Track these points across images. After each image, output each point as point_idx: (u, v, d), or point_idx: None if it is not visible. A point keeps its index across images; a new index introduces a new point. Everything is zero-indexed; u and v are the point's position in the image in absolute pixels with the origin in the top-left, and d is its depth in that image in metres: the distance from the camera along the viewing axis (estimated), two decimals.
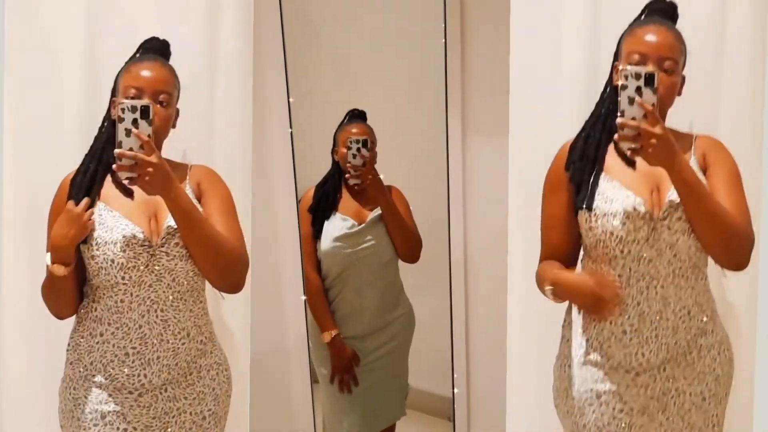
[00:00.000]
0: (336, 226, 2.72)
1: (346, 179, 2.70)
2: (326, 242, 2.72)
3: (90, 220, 1.78)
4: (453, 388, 2.82)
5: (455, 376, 2.81)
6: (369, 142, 2.68)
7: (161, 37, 1.94)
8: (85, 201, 1.78)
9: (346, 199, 2.77)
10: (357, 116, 2.81)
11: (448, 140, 2.81)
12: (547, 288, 1.75)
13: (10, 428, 2.25)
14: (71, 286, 1.82)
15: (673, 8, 1.82)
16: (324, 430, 2.81)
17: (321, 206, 2.74)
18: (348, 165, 2.68)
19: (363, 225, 2.73)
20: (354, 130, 2.73)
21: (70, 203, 1.78)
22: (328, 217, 2.73)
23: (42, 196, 1.94)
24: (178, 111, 1.88)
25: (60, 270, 1.77)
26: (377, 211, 2.74)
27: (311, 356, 2.76)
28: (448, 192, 2.82)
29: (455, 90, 2.80)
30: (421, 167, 2.99)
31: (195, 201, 1.84)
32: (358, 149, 2.66)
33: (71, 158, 1.97)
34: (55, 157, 2.16)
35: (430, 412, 2.95)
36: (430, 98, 2.87)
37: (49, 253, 1.79)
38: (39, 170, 2.17)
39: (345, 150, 2.69)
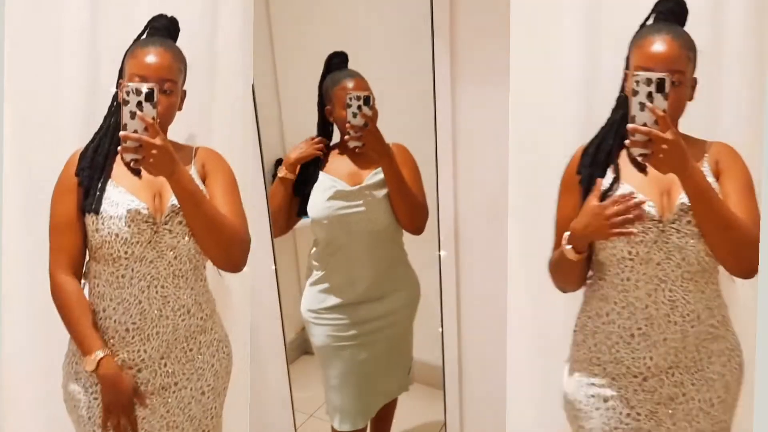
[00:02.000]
0: (326, 185, 2.63)
1: (345, 141, 2.54)
2: (318, 206, 2.63)
3: None
4: (444, 359, 2.92)
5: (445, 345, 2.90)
6: (371, 99, 2.51)
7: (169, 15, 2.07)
8: None
9: (336, 161, 2.69)
10: (342, 64, 2.70)
11: (435, 89, 2.78)
12: (566, 247, 1.84)
13: (10, 428, 2.40)
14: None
15: (682, 6, 1.89)
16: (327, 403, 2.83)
17: (302, 175, 2.65)
18: (348, 126, 2.50)
19: (357, 187, 2.64)
20: (351, 85, 2.60)
21: None
22: (314, 181, 2.64)
23: (42, 182, 2.08)
24: (184, 92, 2.03)
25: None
26: (377, 174, 2.64)
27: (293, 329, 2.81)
28: (436, 149, 2.81)
29: (443, 33, 2.75)
30: (405, 120, 2.94)
31: (199, 182, 2.01)
32: (359, 107, 2.49)
33: (71, 139, 2.13)
34: (55, 138, 2.31)
35: (424, 382, 3.04)
36: (415, 43, 2.83)
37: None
38: (38, 149, 2.32)
39: (344, 110, 2.53)
